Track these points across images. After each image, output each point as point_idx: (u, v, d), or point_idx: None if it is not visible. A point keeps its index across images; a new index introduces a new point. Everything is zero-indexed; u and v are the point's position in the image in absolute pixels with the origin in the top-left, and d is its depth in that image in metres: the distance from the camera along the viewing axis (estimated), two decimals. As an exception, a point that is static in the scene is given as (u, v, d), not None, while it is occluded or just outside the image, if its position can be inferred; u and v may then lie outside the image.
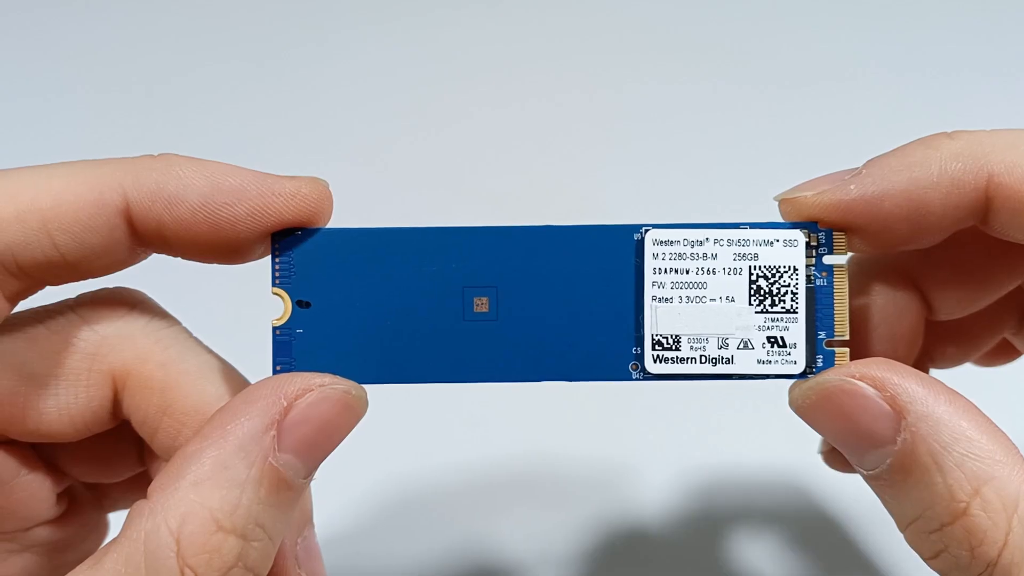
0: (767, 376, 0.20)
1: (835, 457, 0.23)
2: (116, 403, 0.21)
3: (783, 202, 0.20)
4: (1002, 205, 0.19)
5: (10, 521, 0.21)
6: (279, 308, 0.20)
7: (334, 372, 0.19)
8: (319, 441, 0.18)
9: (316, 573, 0.21)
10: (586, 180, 0.41)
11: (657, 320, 0.19)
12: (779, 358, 0.19)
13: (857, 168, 0.20)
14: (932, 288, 0.22)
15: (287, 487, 0.18)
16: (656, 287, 0.20)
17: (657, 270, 0.20)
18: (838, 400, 0.18)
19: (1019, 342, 0.26)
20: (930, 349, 0.25)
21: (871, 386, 0.18)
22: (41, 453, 0.22)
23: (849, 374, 0.18)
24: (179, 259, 0.20)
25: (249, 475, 0.17)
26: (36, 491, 0.21)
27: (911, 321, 0.22)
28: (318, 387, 0.18)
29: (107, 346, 0.20)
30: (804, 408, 0.19)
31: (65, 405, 0.20)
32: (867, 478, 0.18)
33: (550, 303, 0.20)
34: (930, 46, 0.43)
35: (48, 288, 0.20)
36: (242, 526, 0.17)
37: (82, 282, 0.20)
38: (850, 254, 0.20)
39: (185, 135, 0.41)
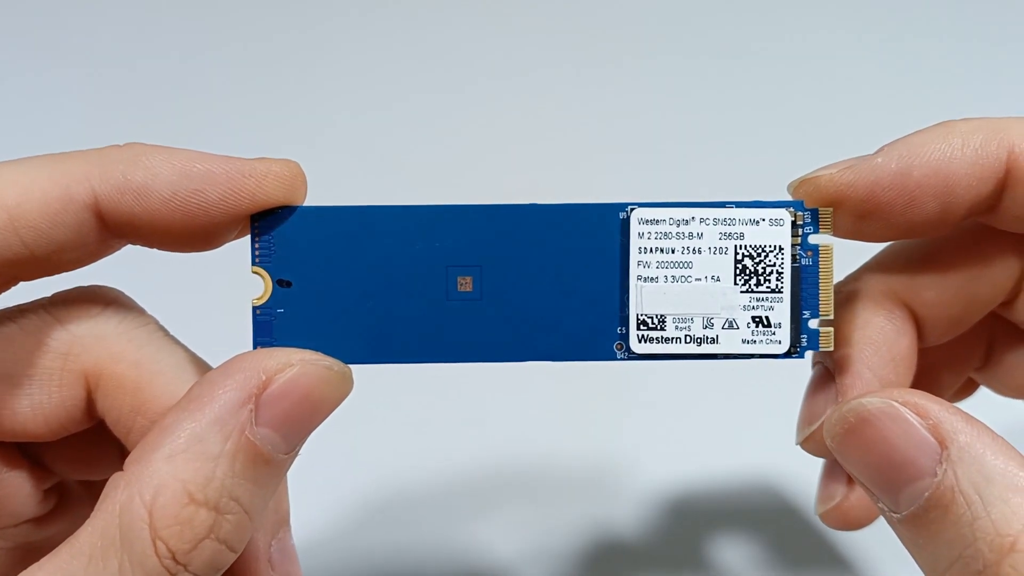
0: (752, 356, 0.19)
1: (814, 441, 0.22)
2: (90, 403, 0.20)
3: (803, 183, 0.20)
4: (1021, 177, 0.19)
5: None
6: (259, 288, 0.20)
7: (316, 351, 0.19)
8: (299, 416, 0.18)
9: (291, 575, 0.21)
10: (573, 164, 0.41)
11: (642, 299, 0.19)
12: (763, 338, 0.19)
13: (870, 154, 0.20)
14: (923, 309, 0.22)
15: (264, 461, 0.17)
16: (641, 266, 0.19)
17: (642, 249, 0.19)
18: (879, 424, 0.17)
19: (982, 378, 0.26)
20: None
21: (914, 412, 0.17)
22: (26, 451, 0.21)
23: (892, 397, 0.17)
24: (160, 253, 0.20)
25: (224, 448, 0.17)
26: (19, 488, 0.21)
27: (908, 343, 0.22)
28: (298, 361, 0.18)
29: (79, 346, 0.20)
30: (841, 435, 0.18)
31: (39, 405, 0.20)
32: (899, 522, 0.17)
33: (535, 282, 0.19)
34: (925, 41, 0.44)
35: (22, 284, 0.20)
36: (215, 499, 0.17)
37: (58, 276, 0.20)
38: (833, 238, 0.20)
39: (166, 126, 0.41)
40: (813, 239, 0.19)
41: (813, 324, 0.20)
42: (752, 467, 0.33)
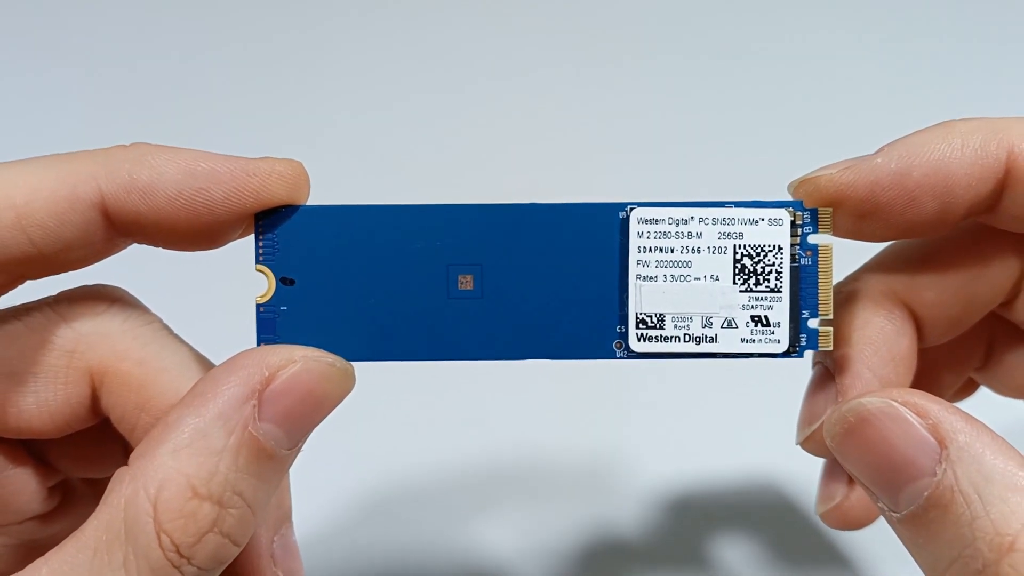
0: (751, 355, 0.20)
1: (815, 442, 0.22)
2: (95, 400, 0.21)
3: (803, 183, 0.20)
4: (1021, 177, 0.19)
5: (0, 515, 0.21)
6: (263, 285, 0.20)
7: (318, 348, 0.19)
8: (302, 412, 0.18)
9: (294, 572, 0.21)
10: (573, 164, 0.41)
11: (641, 298, 0.19)
12: (762, 337, 0.19)
13: (870, 154, 0.20)
14: (923, 309, 0.22)
15: (268, 457, 0.17)
16: (641, 265, 0.20)
17: (642, 248, 0.20)
18: (879, 424, 0.17)
19: (982, 378, 0.26)
20: None
21: (913, 412, 0.17)
22: (31, 449, 0.22)
23: (891, 397, 0.17)
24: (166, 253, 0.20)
25: (227, 443, 0.17)
26: (24, 485, 0.21)
27: (908, 343, 0.22)
28: (301, 358, 0.18)
29: (84, 344, 0.20)
30: (841, 434, 0.18)
31: (44, 402, 0.20)
32: (899, 522, 0.17)
33: (535, 281, 0.20)
34: (925, 41, 0.44)
35: (29, 283, 0.20)
36: (219, 493, 0.17)
37: (64, 276, 0.20)
38: (833, 238, 0.20)
39: (166, 126, 0.41)
40: (812, 239, 0.20)
41: (812, 324, 0.20)
42: (752, 466, 0.33)
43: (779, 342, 0.19)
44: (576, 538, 0.32)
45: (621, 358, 0.20)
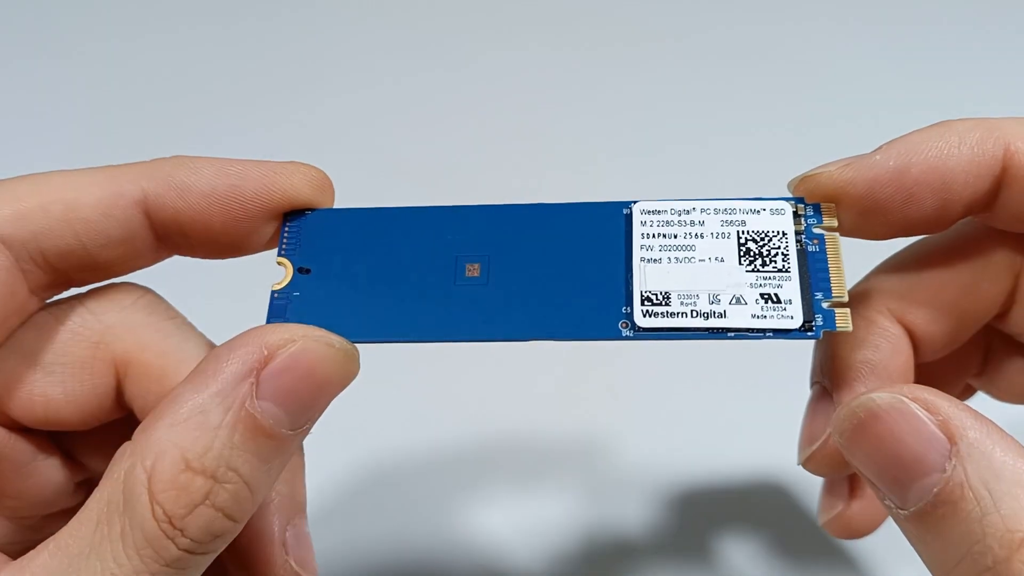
0: (763, 331, 0.19)
1: (816, 461, 0.22)
2: (120, 392, 0.21)
3: (803, 180, 0.20)
4: (1017, 174, 0.19)
5: (27, 506, 0.22)
6: (281, 276, 0.20)
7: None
8: (302, 392, 0.18)
9: (305, 562, 0.21)
10: (576, 169, 0.41)
11: (646, 278, 0.19)
12: (774, 313, 0.19)
13: (869, 152, 0.20)
14: (919, 326, 0.22)
15: (266, 435, 0.17)
16: (644, 250, 0.20)
17: (645, 235, 0.20)
18: (888, 420, 0.17)
19: (979, 384, 0.26)
20: None
21: (923, 408, 0.17)
22: (59, 444, 0.22)
23: (901, 393, 0.17)
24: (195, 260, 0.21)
25: (224, 420, 0.17)
26: (52, 477, 0.22)
27: (904, 360, 0.22)
28: (301, 337, 0.18)
29: (110, 335, 0.21)
30: (850, 430, 0.18)
31: (71, 392, 0.21)
32: (906, 519, 0.17)
33: (541, 276, 0.20)
34: (924, 42, 0.44)
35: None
36: (212, 468, 0.17)
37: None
38: (837, 227, 0.20)
39: (166, 129, 0.43)
40: (817, 229, 0.20)
41: (826, 305, 0.19)
42: (756, 462, 0.32)
43: (792, 318, 0.19)
44: (574, 526, 0.31)
45: (627, 338, 0.19)
